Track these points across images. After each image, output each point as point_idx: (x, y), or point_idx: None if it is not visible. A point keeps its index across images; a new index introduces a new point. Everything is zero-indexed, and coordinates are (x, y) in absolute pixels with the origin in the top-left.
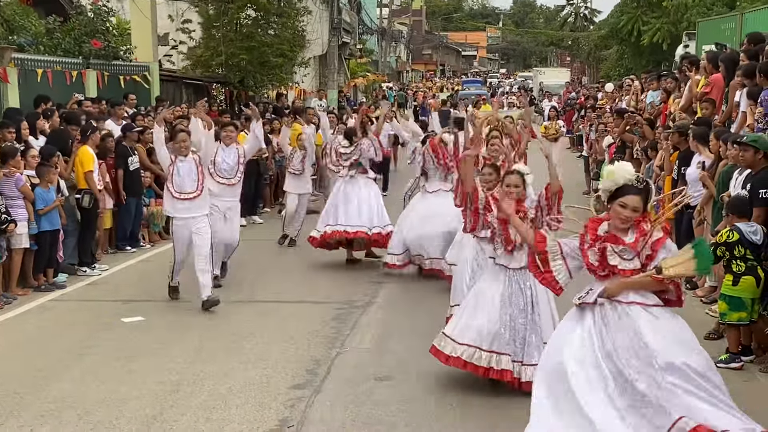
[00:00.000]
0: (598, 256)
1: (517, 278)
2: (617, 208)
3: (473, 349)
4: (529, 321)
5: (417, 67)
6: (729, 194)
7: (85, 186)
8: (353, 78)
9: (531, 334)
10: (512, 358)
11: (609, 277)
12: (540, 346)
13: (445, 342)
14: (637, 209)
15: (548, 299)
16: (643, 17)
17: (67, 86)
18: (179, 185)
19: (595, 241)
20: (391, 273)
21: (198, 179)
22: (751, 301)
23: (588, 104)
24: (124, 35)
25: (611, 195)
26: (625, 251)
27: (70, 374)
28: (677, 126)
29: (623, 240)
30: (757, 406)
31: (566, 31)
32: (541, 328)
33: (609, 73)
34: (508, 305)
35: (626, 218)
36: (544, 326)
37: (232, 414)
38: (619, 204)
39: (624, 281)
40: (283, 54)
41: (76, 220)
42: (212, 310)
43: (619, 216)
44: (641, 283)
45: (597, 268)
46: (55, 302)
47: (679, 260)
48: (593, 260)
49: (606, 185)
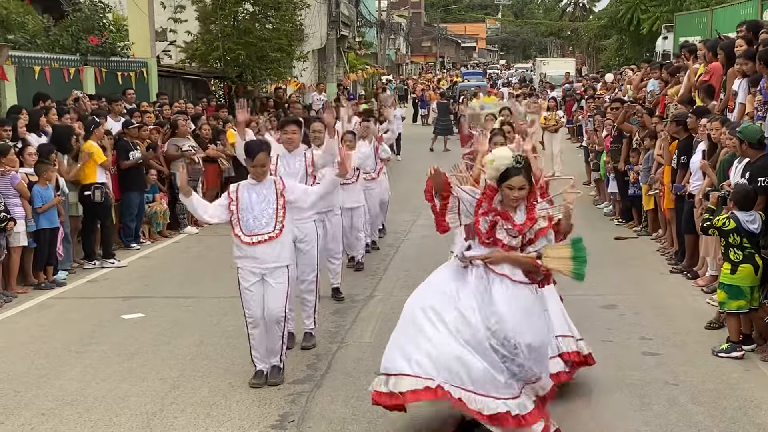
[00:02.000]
0: (487, 227)
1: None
2: (506, 191)
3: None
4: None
5: (416, 59)
6: (729, 183)
7: (93, 181)
8: (351, 72)
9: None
10: None
11: (490, 245)
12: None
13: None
14: (523, 187)
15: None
16: (642, 6)
17: (65, 83)
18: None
19: (489, 212)
20: (390, 266)
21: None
22: (750, 289)
23: (587, 94)
24: (121, 31)
25: (498, 180)
26: (512, 230)
27: (71, 372)
28: (675, 116)
29: (513, 220)
30: (758, 395)
31: (565, 21)
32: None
33: (609, 62)
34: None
35: (516, 198)
36: (555, 319)
37: (232, 410)
38: (507, 187)
39: (508, 255)
40: (281, 48)
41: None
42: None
43: (509, 198)
44: (521, 261)
45: (483, 235)
46: (55, 300)
47: (559, 254)
48: (482, 227)
49: (490, 174)
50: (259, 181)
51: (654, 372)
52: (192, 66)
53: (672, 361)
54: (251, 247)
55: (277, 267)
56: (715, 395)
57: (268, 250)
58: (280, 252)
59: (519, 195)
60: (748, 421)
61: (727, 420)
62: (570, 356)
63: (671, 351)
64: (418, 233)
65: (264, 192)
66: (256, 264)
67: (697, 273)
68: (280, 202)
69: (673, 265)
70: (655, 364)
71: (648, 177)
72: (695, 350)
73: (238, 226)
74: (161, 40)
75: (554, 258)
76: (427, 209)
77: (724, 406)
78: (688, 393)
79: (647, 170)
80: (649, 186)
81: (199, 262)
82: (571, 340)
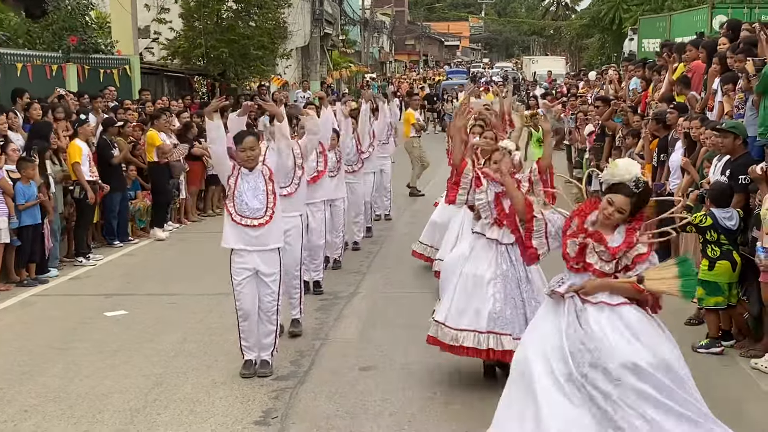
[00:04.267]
0: (576, 249)
1: (509, 253)
2: (604, 203)
3: (472, 333)
4: (526, 297)
5: (400, 57)
6: (708, 180)
7: (75, 178)
8: (335, 70)
9: (531, 311)
10: (513, 336)
11: (581, 271)
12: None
13: (442, 331)
14: (622, 210)
15: (541, 274)
16: (623, 5)
17: (48, 80)
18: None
19: (579, 233)
20: (373, 264)
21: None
22: (728, 285)
23: (570, 93)
24: (104, 28)
25: (605, 189)
26: (604, 253)
27: (53, 369)
28: (655, 113)
29: (607, 241)
30: (737, 390)
31: (548, 20)
32: (538, 303)
33: (591, 61)
34: (503, 282)
35: (609, 215)
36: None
37: (216, 406)
38: (608, 200)
39: (604, 282)
40: (263, 46)
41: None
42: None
43: (603, 211)
44: (620, 287)
45: (572, 259)
46: (37, 297)
47: (663, 275)
48: (571, 251)
49: (604, 177)
50: (250, 170)
51: None
52: (174, 63)
53: None
54: (242, 228)
55: (266, 250)
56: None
57: (257, 233)
58: (270, 235)
59: (612, 214)
60: (728, 416)
61: None
62: None
63: None
64: (401, 231)
65: (255, 182)
66: (243, 243)
67: None
68: (269, 188)
69: None
70: None
71: None
72: None
73: (232, 202)
74: (144, 37)
75: (658, 279)
76: (410, 206)
77: (704, 401)
78: None
79: None
80: None
81: (182, 259)
82: None
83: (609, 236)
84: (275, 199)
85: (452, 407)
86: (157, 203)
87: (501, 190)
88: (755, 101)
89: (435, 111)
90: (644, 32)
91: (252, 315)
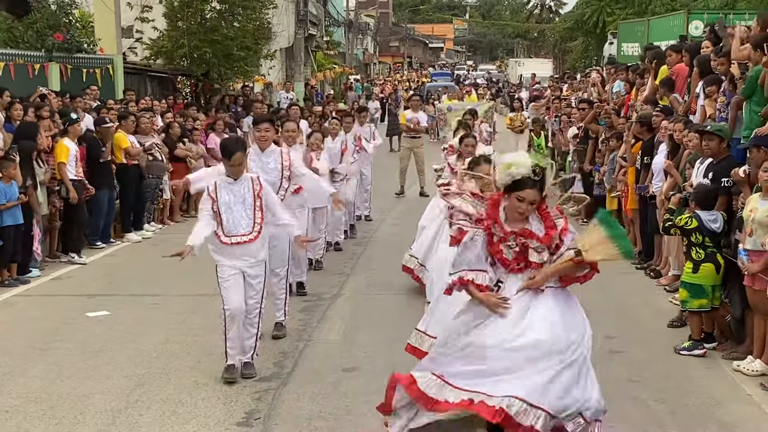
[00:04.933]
0: (515, 252)
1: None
2: (514, 201)
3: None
4: None
5: (384, 59)
6: (691, 183)
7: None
8: (319, 71)
9: None
10: None
11: (522, 270)
12: None
13: (421, 339)
14: (534, 202)
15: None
16: (607, 9)
17: (30, 79)
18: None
19: (509, 235)
20: (357, 265)
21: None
22: (712, 288)
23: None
24: (87, 28)
25: (508, 188)
26: (539, 246)
27: (34, 369)
28: (639, 116)
29: (536, 235)
30: (720, 392)
31: (532, 23)
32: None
33: (575, 64)
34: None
35: (524, 211)
36: None
37: (198, 407)
38: (517, 197)
39: (549, 271)
40: (247, 47)
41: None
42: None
43: (517, 209)
44: (563, 269)
45: (512, 261)
46: (19, 297)
47: (593, 241)
48: (508, 255)
49: (502, 179)
50: (236, 179)
51: (617, 369)
52: (158, 63)
53: (635, 359)
54: (230, 246)
55: (254, 264)
56: (678, 392)
57: (245, 250)
58: (258, 250)
59: (527, 208)
60: (710, 418)
61: (689, 416)
62: None
63: (634, 349)
64: (386, 232)
65: (241, 191)
66: (234, 261)
67: (660, 272)
68: (257, 204)
69: (637, 265)
70: (619, 362)
71: (612, 178)
72: (658, 348)
73: (219, 226)
74: (127, 36)
75: (593, 248)
76: (395, 207)
77: (686, 403)
78: (650, 390)
79: (612, 171)
80: (611, 188)
81: (164, 260)
82: None
83: (529, 227)
84: (263, 216)
85: None
86: (126, 206)
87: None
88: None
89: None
90: (623, 36)
91: (238, 316)
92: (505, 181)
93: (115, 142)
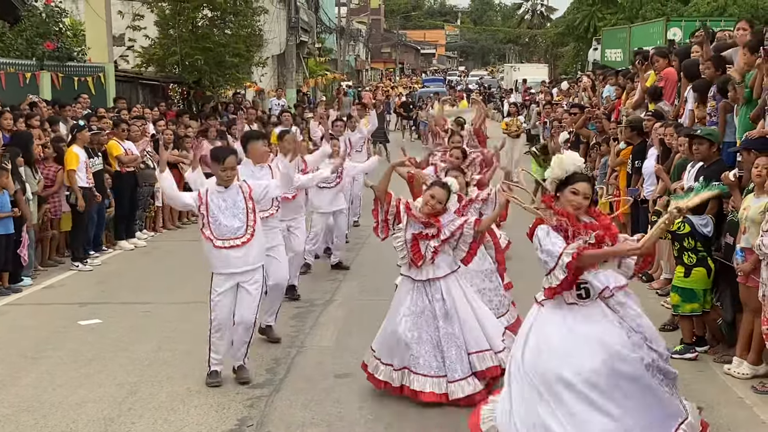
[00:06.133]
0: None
1: (425, 290)
2: (569, 195)
3: (388, 367)
4: (444, 334)
5: (376, 65)
6: (682, 186)
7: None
8: (311, 78)
9: (450, 348)
10: (433, 374)
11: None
12: (463, 358)
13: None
14: (587, 196)
15: (473, 307)
16: (598, 14)
17: (21, 88)
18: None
19: (583, 229)
20: (349, 271)
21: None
22: (703, 292)
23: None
24: (78, 36)
25: (561, 183)
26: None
27: (26, 378)
28: (629, 121)
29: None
30: (711, 395)
31: (523, 28)
32: (465, 339)
33: (566, 69)
34: (414, 319)
35: (579, 204)
36: (469, 336)
37: (190, 415)
38: (571, 191)
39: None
40: (239, 54)
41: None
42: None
43: (571, 203)
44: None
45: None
46: (10, 306)
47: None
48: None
49: (556, 173)
50: (227, 187)
51: None
52: (149, 71)
53: None
54: (224, 250)
55: (249, 270)
56: None
57: (240, 254)
58: (253, 254)
59: (582, 202)
60: None
61: None
62: (488, 372)
63: None
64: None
65: (232, 198)
66: (229, 267)
67: (652, 276)
68: (250, 206)
69: None
70: None
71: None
72: None
73: (208, 229)
74: (119, 45)
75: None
76: None
77: None
78: None
79: (603, 176)
80: (601, 192)
81: (156, 268)
82: (488, 354)
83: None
84: (255, 217)
85: (428, 415)
86: (120, 214)
87: (419, 230)
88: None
89: (411, 118)
90: (607, 42)
91: (225, 327)
92: (559, 176)
93: (108, 150)
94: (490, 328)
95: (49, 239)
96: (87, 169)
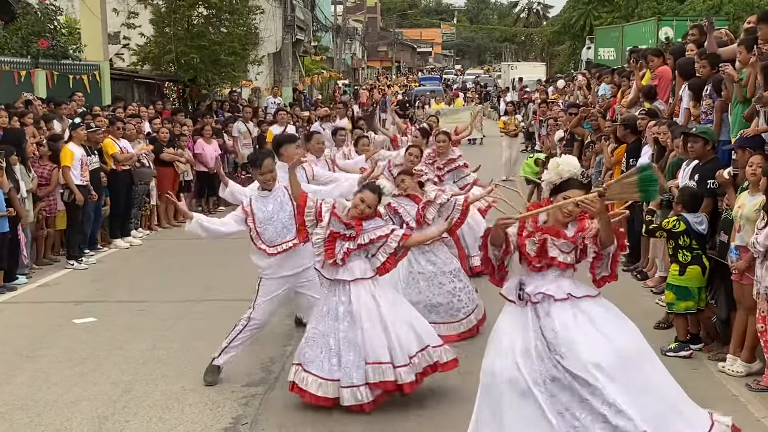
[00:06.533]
0: (537, 248)
1: (334, 290)
2: (561, 201)
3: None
4: (343, 338)
5: (372, 64)
6: (677, 184)
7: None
8: (307, 76)
9: (348, 352)
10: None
11: (543, 270)
12: (360, 365)
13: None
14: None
15: (383, 318)
16: (594, 12)
17: (16, 86)
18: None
19: (536, 231)
20: None
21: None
22: (698, 290)
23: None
24: (74, 34)
25: (555, 188)
26: (564, 245)
27: (21, 377)
28: (624, 119)
29: (564, 233)
30: (706, 393)
31: (519, 27)
32: (363, 347)
33: (562, 68)
34: (322, 319)
35: (569, 212)
36: (369, 344)
37: (185, 413)
38: (563, 198)
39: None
40: (234, 52)
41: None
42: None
43: (562, 209)
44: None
45: (534, 258)
46: (5, 305)
47: (622, 182)
48: (531, 250)
49: (550, 178)
50: (270, 190)
51: None
52: (145, 69)
53: None
54: (277, 257)
55: (303, 270)
56: None
57: (293, 256)
58: (303, 255)
59: (573, 210)
60: None
61: None
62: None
63: None
64: None
65: (278, 200)
66: (283, 272)
67: (647, 274)
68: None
69: (624, 267)
70: None
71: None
72: None
73: (259, 239)
74: (114, 43)
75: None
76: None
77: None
78: None
79: (598, 174)
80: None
81: (151, 266)
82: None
83: (563, 231)
84: None
85: (423, 414)
86: (116, 213)
87: (339, 230)
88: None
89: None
90: (600, 41)
91: (262, 328)
92: (553, 180)
93: (104, 148)
94: (402, 339)
95: (44, 237)
96: (82, 166)
